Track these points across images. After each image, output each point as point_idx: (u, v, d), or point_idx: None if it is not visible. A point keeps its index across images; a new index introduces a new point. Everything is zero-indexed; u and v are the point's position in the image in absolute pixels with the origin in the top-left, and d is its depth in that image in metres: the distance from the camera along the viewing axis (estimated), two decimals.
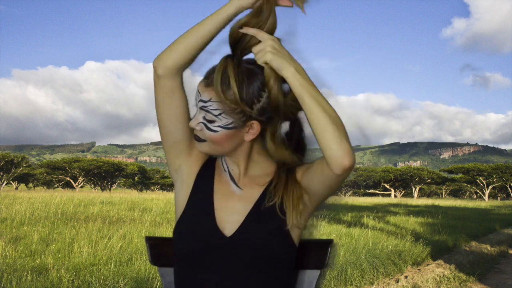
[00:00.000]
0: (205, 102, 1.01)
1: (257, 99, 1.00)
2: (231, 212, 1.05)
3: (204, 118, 1.02)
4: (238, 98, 0.98)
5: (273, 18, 1.00)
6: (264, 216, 1.03)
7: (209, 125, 1.01)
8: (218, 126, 1.01)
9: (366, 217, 11.97)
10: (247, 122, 1.02)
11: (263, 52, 0.96)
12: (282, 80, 0.99)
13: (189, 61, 1.02)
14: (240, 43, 1.00)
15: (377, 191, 71.82)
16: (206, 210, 1.06)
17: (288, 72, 0.94)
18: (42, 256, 5.07)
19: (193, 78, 1.07)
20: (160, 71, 1.01)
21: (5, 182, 57.93)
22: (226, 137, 1.02)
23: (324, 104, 0.93)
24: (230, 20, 0.99)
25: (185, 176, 1.11)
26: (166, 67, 1.00)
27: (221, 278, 1.00)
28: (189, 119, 1.07)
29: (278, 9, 1.01)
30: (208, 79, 1.01)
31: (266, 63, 0.97)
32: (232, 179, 1.09)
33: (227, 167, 1.10)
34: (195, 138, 1.06)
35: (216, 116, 1.00)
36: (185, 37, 1.00)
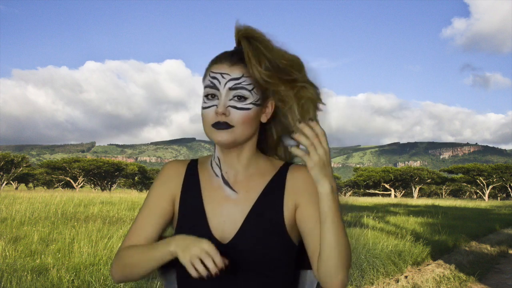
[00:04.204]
0: (237, 79, 0.96)
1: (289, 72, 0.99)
2: (227, 217, 1.02)
3: (235, 97, 0.97)
4: (284, 65, 0.96)
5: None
6: (263, 218, 1.02)
7: (240, 104, 0.97)
8: (250, 103, 0.97)
9: (366, 217, 11.97)
10: (266, 100, 1.01)
11: (312, 157, 0.93)
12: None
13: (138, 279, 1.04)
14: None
15: (377, 191, 71.76)
16: (200, 221, 1.03)
17: (323, 189, 0.93)
18: (42, 256, 5.07)
19: (193, 78, 1.05)
20: (115, 281, 1.07)
21: (5, 182, 57.92)
22: (255, 115, 0.99)
23: (340, 233, 0.94)
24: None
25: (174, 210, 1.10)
26: (117, 281, 1.06)
27: (223, 284, 1.00)
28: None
29: None
30: (233, 57, 0.98)
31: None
32: (227, 183, 1.05)
33: (220, 171, 1.06)
34: (220, 127, 0.97)
35: (250, 91, 0.97)
36: (133, 267, 1.00)
